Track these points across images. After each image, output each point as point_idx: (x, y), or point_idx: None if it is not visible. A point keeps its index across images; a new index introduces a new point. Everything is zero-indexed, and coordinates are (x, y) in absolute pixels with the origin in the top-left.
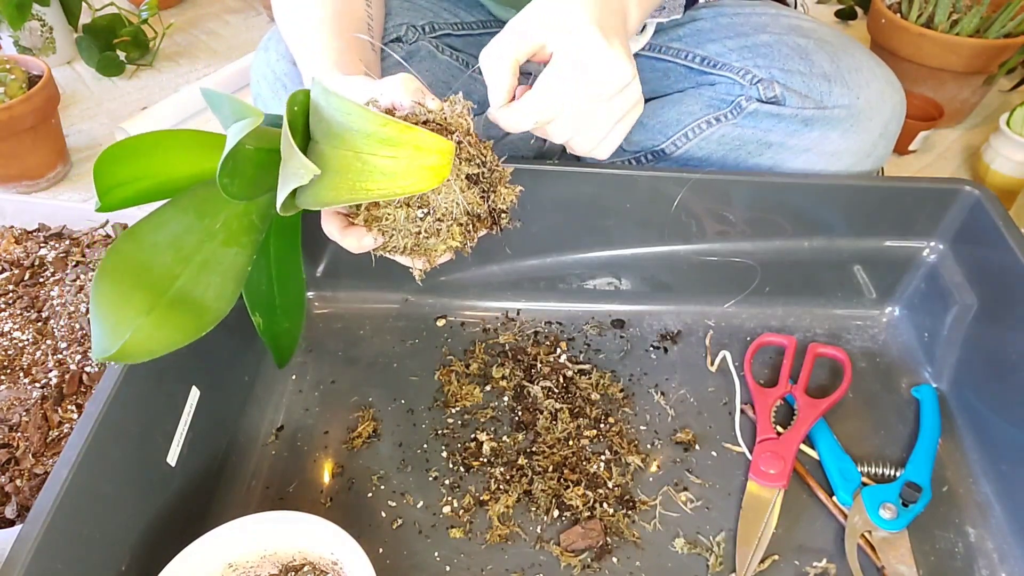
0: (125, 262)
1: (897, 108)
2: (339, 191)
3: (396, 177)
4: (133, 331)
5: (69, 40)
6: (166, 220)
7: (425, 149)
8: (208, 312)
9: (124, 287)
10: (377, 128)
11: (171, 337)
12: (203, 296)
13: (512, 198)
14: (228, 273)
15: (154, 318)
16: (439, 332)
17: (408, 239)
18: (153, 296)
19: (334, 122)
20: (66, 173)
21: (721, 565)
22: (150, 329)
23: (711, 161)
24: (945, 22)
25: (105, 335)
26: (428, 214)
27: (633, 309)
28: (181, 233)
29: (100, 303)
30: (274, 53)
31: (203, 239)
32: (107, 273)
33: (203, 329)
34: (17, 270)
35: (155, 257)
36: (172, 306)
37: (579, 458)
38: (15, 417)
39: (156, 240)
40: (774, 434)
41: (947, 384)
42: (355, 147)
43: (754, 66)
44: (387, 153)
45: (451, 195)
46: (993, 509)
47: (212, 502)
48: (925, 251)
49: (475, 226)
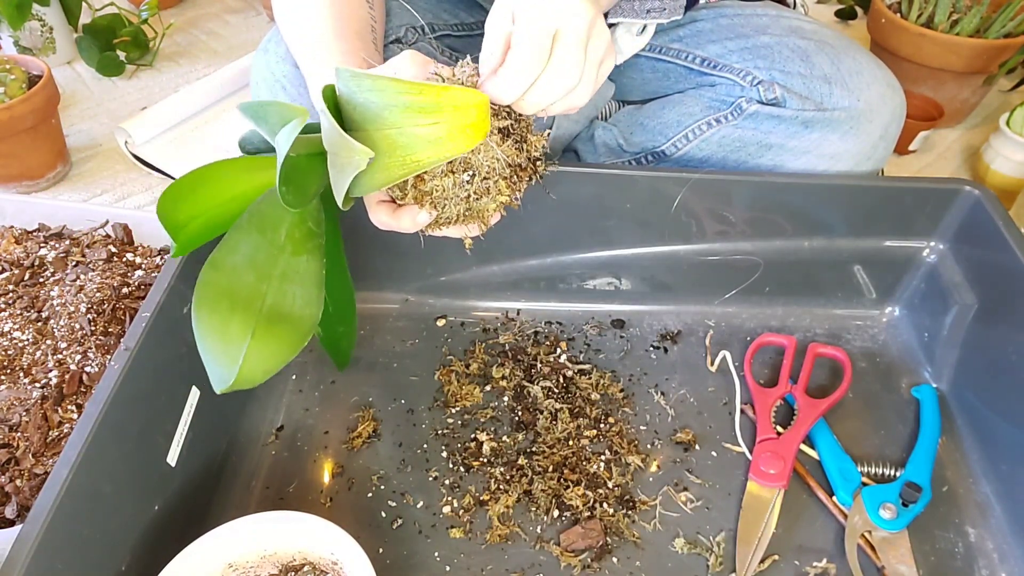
0: (215, 291)
1: (897, 110)
2: (390, 170)
3: (441, 142)
4: (244, 356)
5: (69, 40)
6: (236, 243)
7: (463, 107)
8: (303, 321)
9: (222, 315)
10: (414, 97)
11: (280, 352)
12: (292, 307)
13: (543, 143)
14: (307, 280)
15: (259, 338)
16: (439, 332)
17: (460, 205)
18: (251, 317)
19: (369, 104)
20: (66, 173)
21: (721, 565)
22: (259, 350)
23: (711, 162)
24: (945, 22)
25: (220, 366)
26: (474, 175)
27: (633, 309)
28: (253, 252)
29: (206, 336)
30: (274, 55)
31: (274, 253)
32: (203, 306)
33: (305, 338)
34: (17, 270)
35: (239, 280)
36: (270, 322)
37: (579, 458)
38: (15, 417)
39: (235, 263)
40: (774, 434)
41: (947, 384)
42: (396, 123)
43: (754, 68)
44: (428, 121)
45: (490, 152)
46: (993, 509)
47: (212, 502)
48: (925, 251)
49: (519, 176)
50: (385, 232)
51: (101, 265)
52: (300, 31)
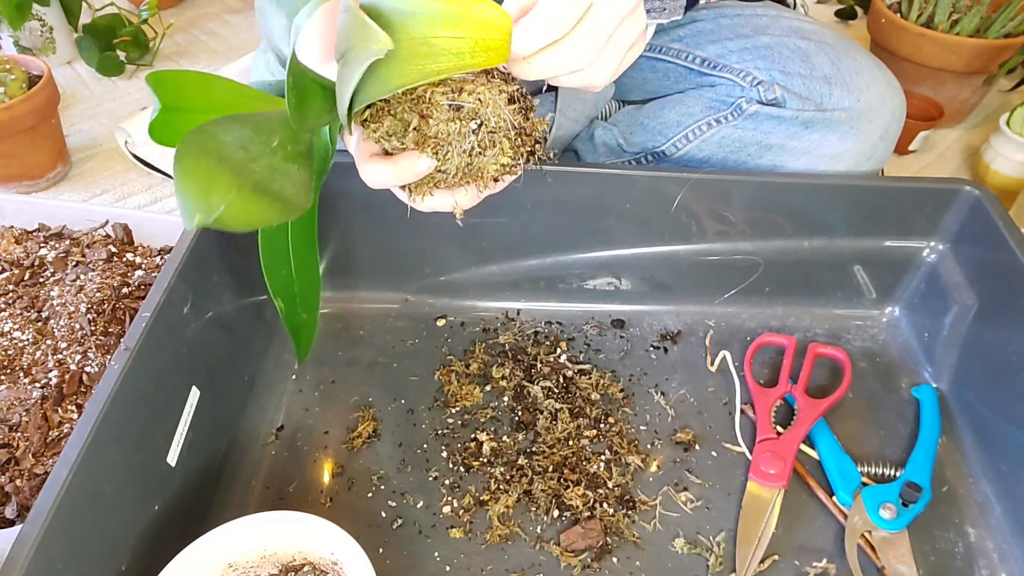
0: (203, 147)
1: (897, 111)
2: (408, 74)
3: (463, 55)
4: (227, 205)
5: (69, 40)
6: (229, 127)
7: (489, 24)
8: (291, 203)
9: (208, 167)
10: (441, 5)
11: (264, 214)
12: (282, 190)
13: (544, 127)
14: (297, 180)
15: (244, 196)
16: (439, 332)
17: (462, 157)
18: (238, 179)
19: (395, 12)
20: (66, 173)
21: (721, 565)
22: (242, 204)
23: (711, 163)
24: (945, 22)
25: (198, 206)
26: (481, 125)
27: (633, 309)
28: (245, 140)
29: (187, 176)
30: (273, 54)
31: (265, 150)
32: (189, 153)
33: (291, 214)
34: (17, 270)
35: (229, 151)
36: (256, 190)
37: (579, 458)
38: (15, 417)
39: (225, 139)
40: (774, 434)
41: (947, 384)
42: (421, 33)
43: (754, 68)
44: (453, 34)
45: (498, 109)
46: (993, 509)
47: (212, 502)
48: (925, 251)
49: (523, 142)
50: (384, 232)
51: (101, 265)
52: None
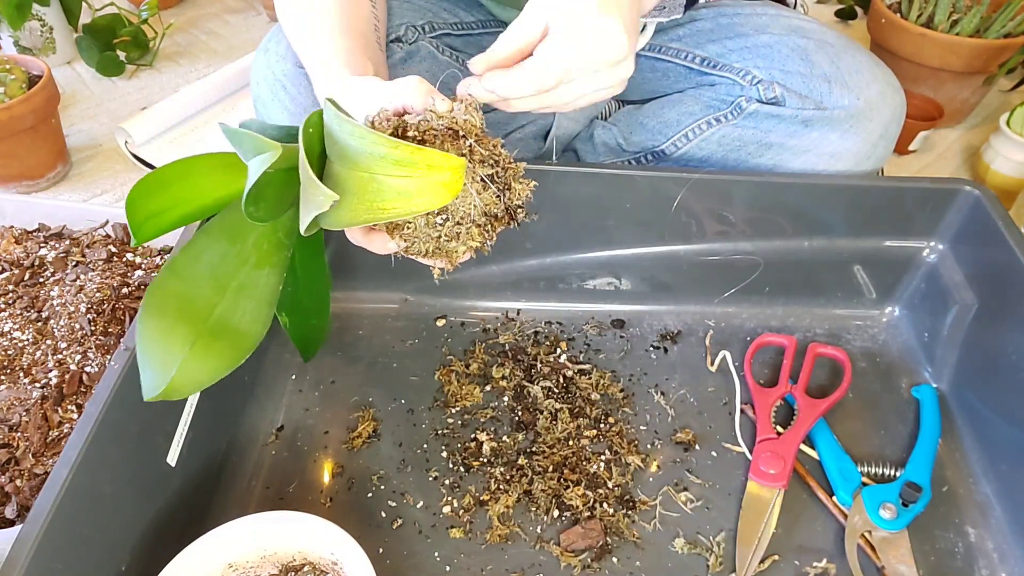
0: (168, 297)
1: (897, 110)
2: (356, 212)
3: (411, 196)
4: (178, 367)
5: (69, 40)
6: (202, 249)
7: (437, 167)
8: (246, 337)
9: (167, 322)
10: (389, 151)
11: (214, 368)
12: (240, 322)
13: (527, 192)
14: (263, 296)
15: (197, 350)
16: (439, 332)
17: (429, 244)
18: (195, 328)
19: (347, 145)
20: (66, 173)
21: (721, 565)
22: (194, 362)
23: (711, 162)
24: (945, 22)
25: (153, 374)
26: (447, 220)
27: (633, 309)
28: (217, 261)
29: (146, 342)
30: (274, 54)
31: (238, 264)
32: (151, 310)
33: (243, 355)
34: (17, 270)
35: (195, 288)
36: (213, 335)
37: (579, 458)
38: (15, 417)
39: (195, 271)
40: (774, 434)
41: (947, 384)
42: (369, 168)
43: (754, 67)
44: (401, 173)
45: (468, 199)
46: (993, 509)
47: (212, 502)
48: (925, 251)
49: (493, 225)
50: None
51: (101, 265)
52: (303, 28)
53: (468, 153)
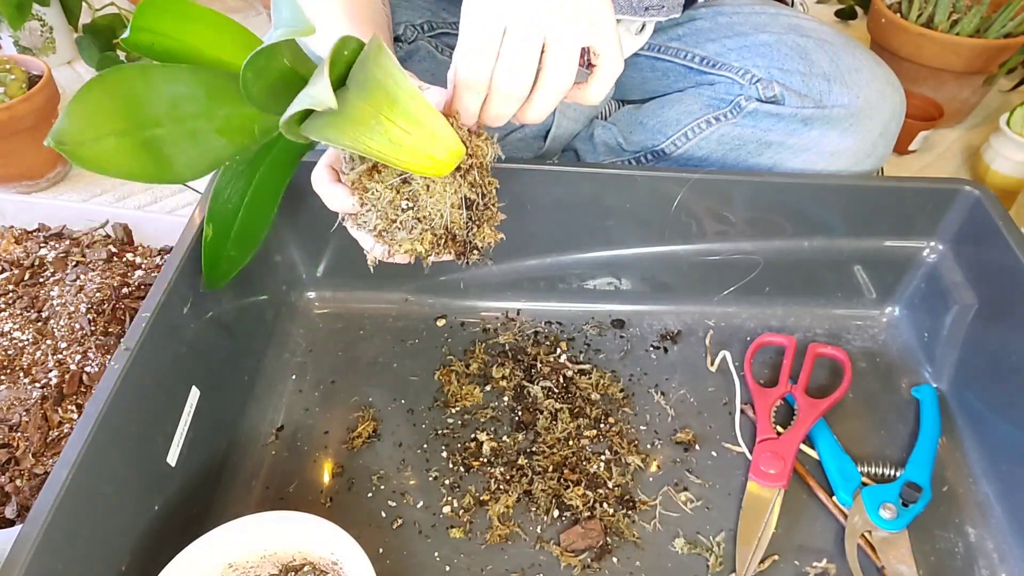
0: (124, 84)
1: (897, 108)
2: (343, 134)
3: (401, 149)
4: (96, 141)
5: (69, 40)
6: (179, 78)
7: (439, 139)
8: (171, 170)
9: (110, 103)
10: (407, 98)
11: (127, 168)
12: (174, 155)
13: (491, 241)
14: (207, 154)
15: (122, 143)
16: (439, 332)
17: (381, 221)
18: (131, 126)
19: (371, 76)
20: (66, 173)
21: (721, 565)
22: (112, 150)
23: (711, 161)
24: (945, 22)
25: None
26: (411, 208)
27: (633, 309)
28: (186, 97)
29: (81, 100)
30: None
31: (201, 114)
32: (102, 83)
33: (158, 179)
34: (17, 270)
35: (151, 99)
36: (143, 144)
37: (579, 458)
38: (15, 417)
39: (161, 88)
40: (774, 434)
41: (947, 384)
42: (378, 105)
43: (753, 66)
44: (403, 125)
45: (441, 204)
46: (993, 509)
47: (212, 502)
48: (925, 251)
49: (446, 243)
50: None
51: (101, 265)
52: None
53: (466, 170)
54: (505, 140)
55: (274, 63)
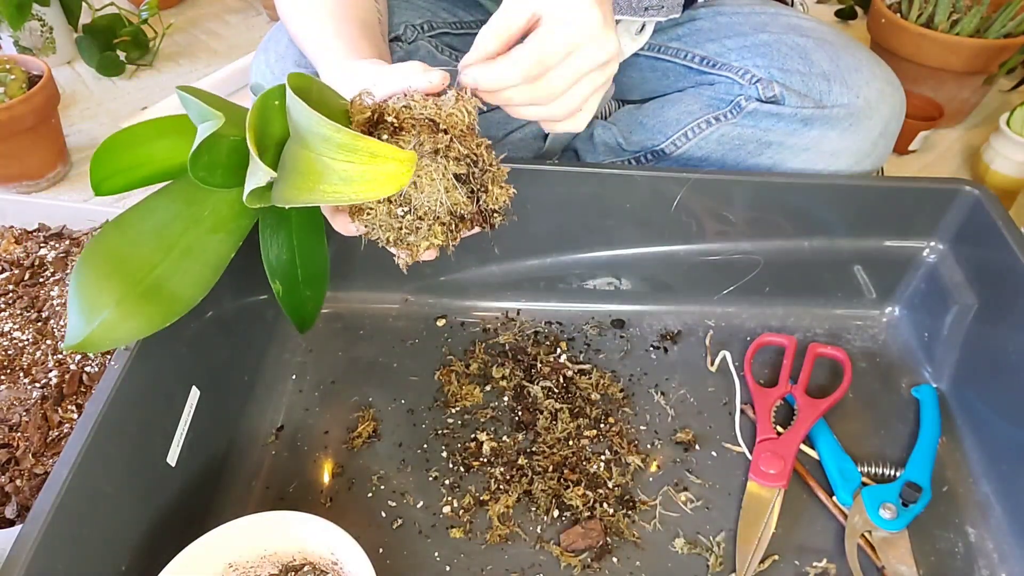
0: (106, 250)
1: (897, 108)
2: (299, 191)
3: (353, 182)
4: (100, 322)
5: (69, 40)
6: (153, 209)
7: (381, 156)
8: (179, 301)
9: (99, 277)
10: (331, 133)
11: (136, 327)
12: (177, 285)
13: (505, 199)
14: (209, 260)
15: (122, 309)
16: (439, 332)
17: (389, 233)
18: (126, 286)
19: (298, 123)
20: (66, 173)
21: (721, 565)
22: (115, 321)
23: (711, 161)
24: (945, 22)
25: (75, 324)
26: (408, 212)
27: (633, 309)
28: (168, 221)
29: (76, 291)
30: (273, 53)
31: (189, 226)
32: (87, 261)
33: (170, 318)
34: (17, 270)
35: (137, 246)
36: (144, 296)
37: (579, 458)
38: (15, 417)
39: (141, 229)
40: (774, 434)
41: (947, 384)
42: (316, 149)
43: (753, 66)
44: (343, 158)
45: (434, 195)
46: (993, 509)
47: (212, 502)
48: (925, 251)
49: (459, 226)
50: None
51: None
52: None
53: (445, 148)
54: (505, 140)
55: (218, 150)
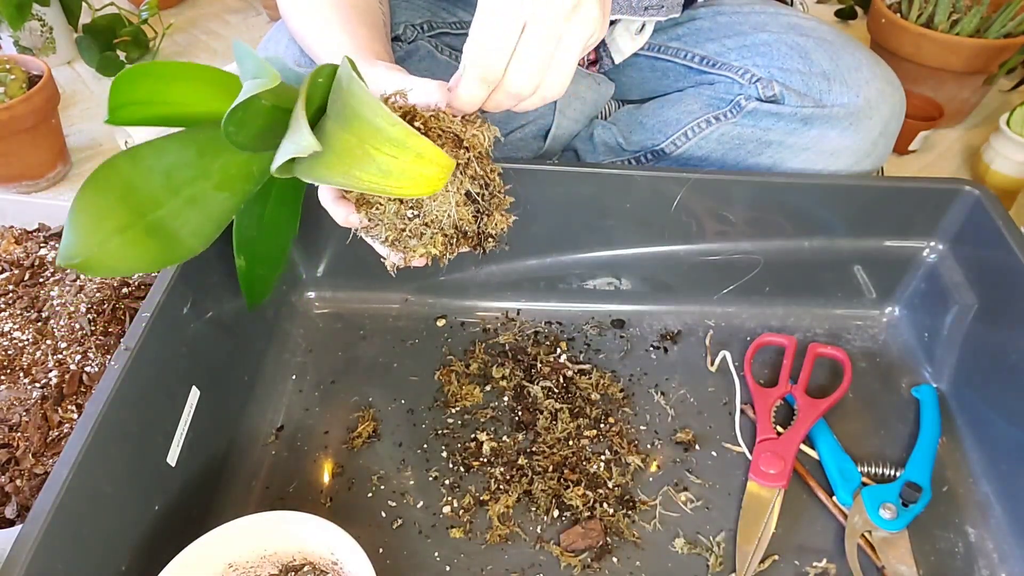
0: (116, 177)
1: (897, 107)
2: (333, 172)
3: (391, 176)
4: (102, 245)
5: (69, 40)
6: (167, 149)
7: (426, 159)
8: (180, 246)
9: (107, 201)
10: (386, 125)
11: (138, 261)
12: (180, 230)
13: (504, 226)
14: (212, 215)
15: (127, 238)
16: (439, 332)
17: (391, 232)
18: (132, 217)
19: (348, 105)
20: (66, 173)
21: (721, 565)
22: (119, 248)
23: (710, 160)
24: (945, 22)
25: (75, 243)
26: (417, 216)
27: (633, 309)
28: (178, 165)
29: (79, 209)
30: (272, 53)
31: (197, 176)
32: (95, 183)
33: (171, 261)
34: (17, 270)
35: (146, 181)
36: (148, 231)
37: (579, 458)
38: (15, 417)
39: (152, 165)
40: (774, 434)
41: (947, 384)
42: (361, 135)
43: (753, 65)
44: (389, 151)
45: (445, 206)
46: (993, 509)
47: (212, 502)
48: (925, 251)
49: (459, 241)
50: None
51: None
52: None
53: (463, 165)
54: (505, 140)
55: (253, 111)
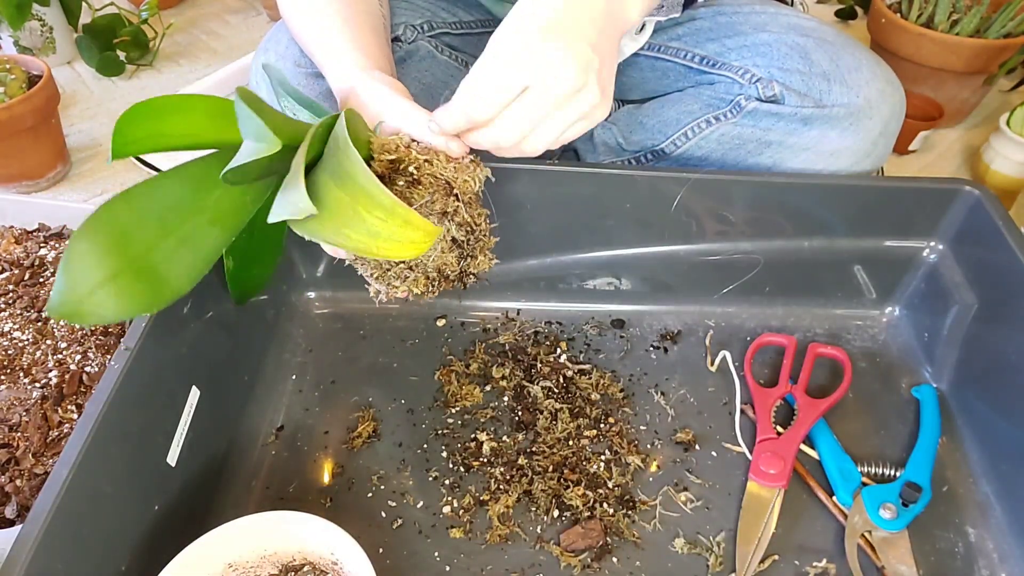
0: (110, 223)
1: (897, 107)
2: (325, 229)
3: (379, 238)
4: (91, 295)
5: (69, 40)
6: (162, 188)
7: (413, 226)
8: (168, 288)
9: (99, 248)
10: (378, 193)
11: (124, 307)
12: (169, 271)
13: (487, 267)
14: (202, 252)
15: (116, 286)
16: (439, 332)
17: (376, 271)
18: (123, 262)
19: (343, 166)
20: (66, 173)
21: (721, 565)
22: (107, 297)
23: (710, 160)
24: (945, 22)
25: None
26: (400, 262)
27: (633, 309)
28: (172, 204)
29: (71, 258)
30: (273, 54)
31: (191, 213)
32: (88, 230)
33: (157, 305)
34: (17, 270)
35: (140, 225)
36: (136, 276)
37: (579, 458)
38: (15, 417)
39: (146, 207)
40: (774, 434)
41: (947, 384)
42: (354, 194)
43: (753, 65)
44: (378, 215)
45: (431, 253)
46: (993, 509)
47: (212, 502)
48: (925, 251)
49: (440, 283)
50: None
51: None
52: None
53: (452, 213)
54: None
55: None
